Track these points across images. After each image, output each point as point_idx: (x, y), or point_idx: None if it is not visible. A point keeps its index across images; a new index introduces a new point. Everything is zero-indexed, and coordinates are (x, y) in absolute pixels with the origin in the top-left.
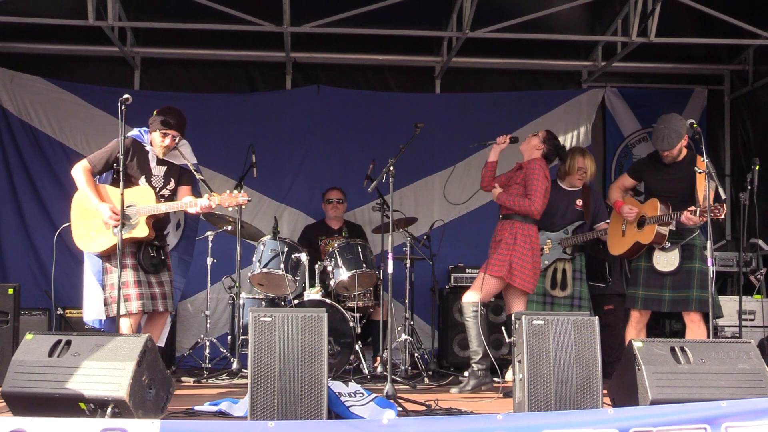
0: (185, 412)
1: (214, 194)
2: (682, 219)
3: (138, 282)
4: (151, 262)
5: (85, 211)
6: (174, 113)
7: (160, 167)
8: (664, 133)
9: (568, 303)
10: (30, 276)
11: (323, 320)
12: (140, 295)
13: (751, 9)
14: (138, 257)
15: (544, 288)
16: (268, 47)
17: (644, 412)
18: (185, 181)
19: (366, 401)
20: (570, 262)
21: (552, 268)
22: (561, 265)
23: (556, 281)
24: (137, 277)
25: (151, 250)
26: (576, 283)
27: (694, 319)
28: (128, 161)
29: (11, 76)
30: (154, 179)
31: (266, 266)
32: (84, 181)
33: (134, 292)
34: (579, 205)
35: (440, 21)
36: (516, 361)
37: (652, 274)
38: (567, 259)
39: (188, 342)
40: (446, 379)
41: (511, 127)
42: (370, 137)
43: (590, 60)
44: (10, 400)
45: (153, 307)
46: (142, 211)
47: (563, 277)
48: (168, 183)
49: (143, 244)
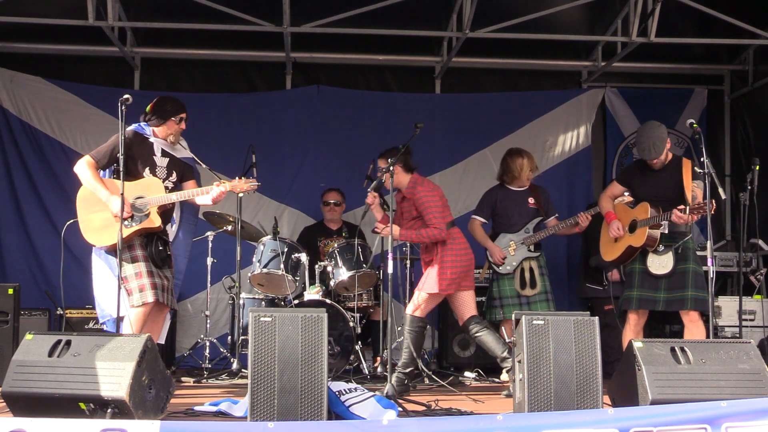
0: (185, 412)
1: (224, 181)
2: (673, 218)
3: (150, 272)
4: (160, 256)
5: (93, 205)
6: (173, 99)
7: (163, 159)
8: (648, 143)
9: (543, 299)
10: (30, 276)
11: (323, 320)
12: (154, 284)
13: (751, 9)
14: (149, 250)
15: (516, 290)
16: (268, 47)
17: (644, 412)
18: (189, 176)
19: (366, 397)
20: (535, 260)
21: (519, 268)
22: (527, 264)
23: (525, 281)
24: (149, 268)
25: (160, 244)
26: (544, 278)
27: (693, 319)
28: (134, 154)
29: (11, 76)
30: (158, 170)
31: (266, 266)
32: (90, 175)
33: (148, 282)
34: (531, 203)
35: (440, 21)
36: (516, 361)
37: (646, 277)
38: (533, 257)
39: (188, 342)
40: (446, 379)
41: (511, 127)
42: (370, 137)
43: (590, 60)
44: (10, 400)
45: (162, 298)
46: (152, 202)
47: (531, 275)
48: (170, 175)
49: (154, 236)
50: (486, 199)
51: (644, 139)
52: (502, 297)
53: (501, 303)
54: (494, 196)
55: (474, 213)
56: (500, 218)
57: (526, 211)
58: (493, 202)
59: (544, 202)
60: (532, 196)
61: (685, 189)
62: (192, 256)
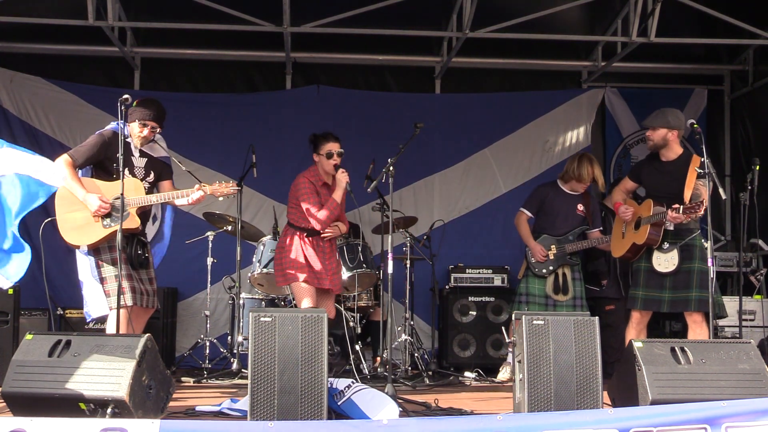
0: (185, 412)
1: (205, 185)
2: (668, 218)
3: (129, 276)
4: (138, 259)
5: (71, 204)
6: (155, 104)
7: (141, 159)
8: (654, 114)
9: (570, 305)
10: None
11: (323, 320)
12: (133, 288)
13: (751, 9)
14: (128, 252)
15: (546, 291)
16: (268, 47)
17: (644, 412)
18: (166, 175)
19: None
20: (570, 267)
21: (554, 273)
22: (561, 270)
23: (558, 286)
24: (128, 271)
25: (139, 247)
26: (576, 284)
27: (696, 320)
28: (112, 154)
29: (11, 76)
30: (137, 170)
31: (266, 266)
32: (68, 174)
33: (127, 285)
34: (580, 210)
35: (440, 21)
36: (516, 361)
37: (652, 275)
38: (570, 264)
39: (188, 342)
40: (446, 379)
41: (512, 127)
42: (370, 137)
43: (590, 60)
44: (10, 400)
45: (140, 302)
46: (132, 203)
47: (564, 280)
48: (148, 175)
49: (133, 238)
50: (537, 194)
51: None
52: (529, 294)
53: (527, 300)
54: (546, 193)
55: (522, 206)
56: (546, 216)
57: (573, 216)
58: (543, 198)
59: (592, 211)
60: (582, 202)
61: (686, 185)
62: (192, 256)
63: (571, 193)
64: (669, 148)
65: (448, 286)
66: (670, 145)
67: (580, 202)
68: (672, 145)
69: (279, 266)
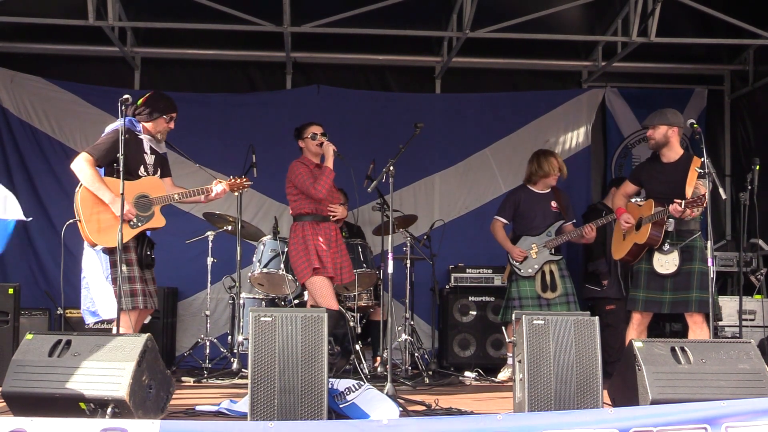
0: (185, 412)
1: (219, 181)
2: (670, 209)
3: (142, 278)
4: (147, 260)
5: (94, 205)
6: (166, 96)
7: (151, 156)
8: (652, 114)
9: (563, 301)
10: (30, 276)
11: (323, 320)
12: (143, 291)
13: (751, 9)
14: (138, 252)
15: (536, 292)
16: (268, 47)
17: (644, 412)
18: (167, 171)
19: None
20: (556, 263)
21: (540, 271)
22: (548, 267)
23: (546, 283)
24: (139, 273)
25: (148, 249)
26: (565, 281)
27: (697, 321)
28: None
29: (11, 76)
30: (149, 168)
31: (266, 266)
32: (91, 175)
33: (139, 287)
34: (554, 206)
35: (440, 21)
36: (516, 361)
37: (652, 277)
38: (554, 260)
39: (188, 342)
40: (446, 379)
41: (512, 127)
42: (370, 137)
43: (590, 60)
44: (10, 400)
45: (146, 304)
46: (156, 201)
47: (551, 278)
48: (156, 172)
49: (144, 240)
50: (509, 200)
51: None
52: (521, 298)
53: (520, 304)
54: (518, 197)
55: (497, 214)
56: (523, 220)
57: (549, 213)
58: (517, 203)
59: (565, 205)
60: (555, 199)
61: (687, 184)
62: (192, 256)
63: (542, 192)
64: (670, 148)
65: (448, 285)
66: (671, 144)
67: (552, 200)
68: (673, 143)
69: (295, 264)
